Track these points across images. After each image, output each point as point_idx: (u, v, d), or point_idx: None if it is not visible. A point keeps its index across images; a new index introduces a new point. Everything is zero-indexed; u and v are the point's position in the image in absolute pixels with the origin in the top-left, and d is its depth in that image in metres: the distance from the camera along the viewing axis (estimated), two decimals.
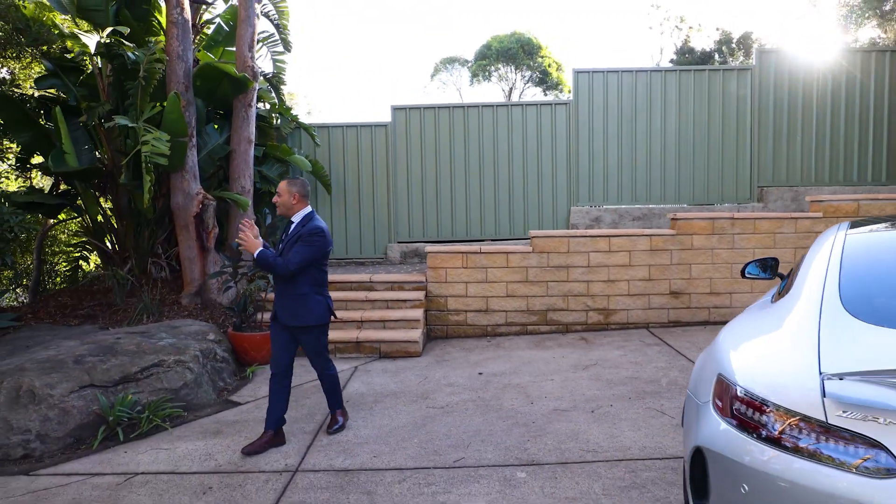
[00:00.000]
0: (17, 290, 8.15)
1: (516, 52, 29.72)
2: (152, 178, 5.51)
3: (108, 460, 3.75)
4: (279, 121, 8.08)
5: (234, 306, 6.14)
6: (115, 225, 6.98)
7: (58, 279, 8.37)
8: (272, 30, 8.04)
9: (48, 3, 6.72)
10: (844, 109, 8.26)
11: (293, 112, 8.55)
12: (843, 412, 1.62)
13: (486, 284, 6.86)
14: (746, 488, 1.77)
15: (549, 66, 29.85)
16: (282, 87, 8.17)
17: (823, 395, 1.68)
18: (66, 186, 6.84)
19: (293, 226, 3.82)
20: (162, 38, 7.03)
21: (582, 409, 4.33)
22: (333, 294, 6.84)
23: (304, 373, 5.64)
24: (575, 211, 8.38)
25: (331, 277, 7.11)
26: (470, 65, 31.37)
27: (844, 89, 8.25)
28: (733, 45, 24.62)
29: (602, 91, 8.32)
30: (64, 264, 8.18)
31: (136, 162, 6.01)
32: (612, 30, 53.26)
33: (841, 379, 1.66)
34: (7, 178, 7.26)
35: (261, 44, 7.87)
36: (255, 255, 3.61)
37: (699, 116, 8.32)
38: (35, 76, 7.47)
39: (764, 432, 1.79)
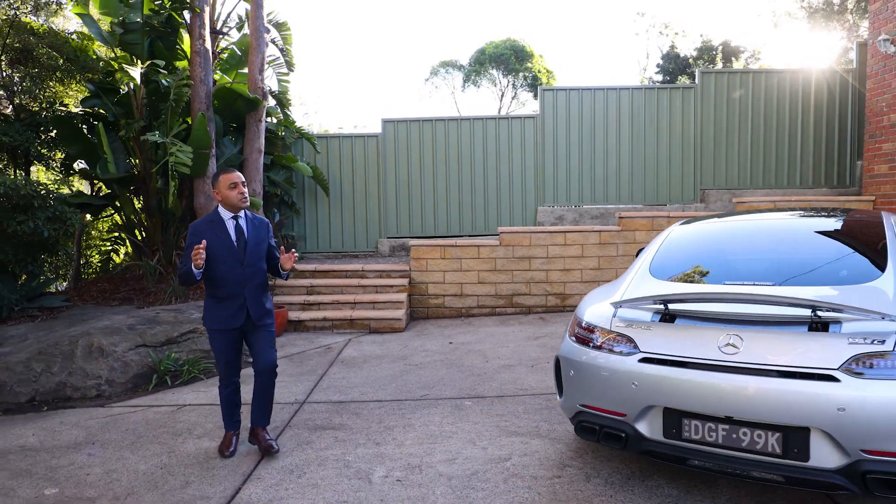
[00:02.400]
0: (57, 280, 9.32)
1: (509, 59, 30.93)
2: (176, 183, 6.72)
3: (162, 398, 4.97)
4: (284, 132, 9.29)
5: None
6: (146, 222, 8.19)
7: (90, 270, 9.57)
8: (278, 54, 9.27)
9: (90, 34, 7.95)
10: (776, 122, 9.50)
11: (296, 123, 9.76)
12: (618, 323, 2.86)
13: (461, 273, 8.10)
14: (573, 373, 3.01)
15: (540, 72, 31.06)
16: (286, 102, 9.39)
17: (613, 315, 2.93)
18: (106, 190, 8.06)
19: (245, 221, 3.60)
20: (185, 63, 8.25)
21: (524, 365, 5.57)
22: (332, 281, 8.12)
23: (306, 343, 6.88)
24: (541, 210, 9.62)
25: (329, 267, 8.36)
26: (464, 69, 32.63)
27: (776, 105, 9.49)
28: (714, 53, 25.93)
29: (565, 107, 9.56)
30: (97, 256, 9.38)
31: (165, 169, 7.23)
32: (601, 36, 54.49)
33: (620, 306, 2.90)
34: (55, 183, 8.44)
35: (269, 66, 9.09)
36: (287, 273, 3.74)
37: (650, 129, 9.56)
38: (73, 95, 8.69)
39: (591, 343, 3.02)
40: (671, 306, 2.74)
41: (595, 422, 2.90)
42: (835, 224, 3.42)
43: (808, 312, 2.41)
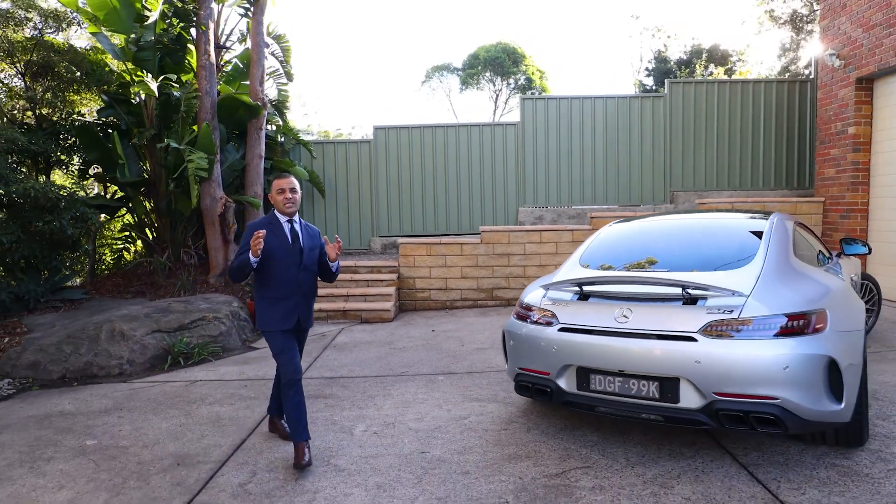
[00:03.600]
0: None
1: (503, 61, 31.67)
2: (198, 187, 7.45)
3: (176, 375, 5.71)
4: (283, 138, 10.02)
5: (251, 283, 8.10)
6: (156, 222, 8.92)
7: (102, 266, 10.30)
8: (278, 65, 9.99)
9: (103, 49, 8.67)
10: (740, 129, 10.22)
11: (295, 129, 10.48)
12: (546, 302, 3.60)
13: (446, 268, 8.83)
14: (513, 343, 3.75)
15: (533, 74, 31.82)
16: (285, 110, 10.12)
17: (544, 296, 3.66)
18: (120, 193, 8.80)
19: (299, 225, 3.74)
20: (191, 76, 8.98)
21: (496, 349, 6.29)
22: None
23: None
24: (522, 211, 10.35)
25: None
26: (459, 72, 33.39)
27: (740, 113, 10.21)
28: (702, 56, 26.69)
29: (544, 114, 10.29)
30: (109, 253, 10.12)
31: (181, 174, 7.95)
32: (597, 37, 55.20)
33: (549, 289, 3.63)
34: (72, 186, 9.16)
35: (269, 77, 9.82)
36: (337, 263, 3.83)
37: (623, 134, 10.28)
38: (86, 104, 9.42)
39: (528, 319, 3.74)
40: (584, 288, 3.47)
41: (529, 381, 3.63)
42: (735, 223, 4.14)
43: (680, 290, 3.14)
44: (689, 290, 3.12)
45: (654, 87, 24.35)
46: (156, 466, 3.60)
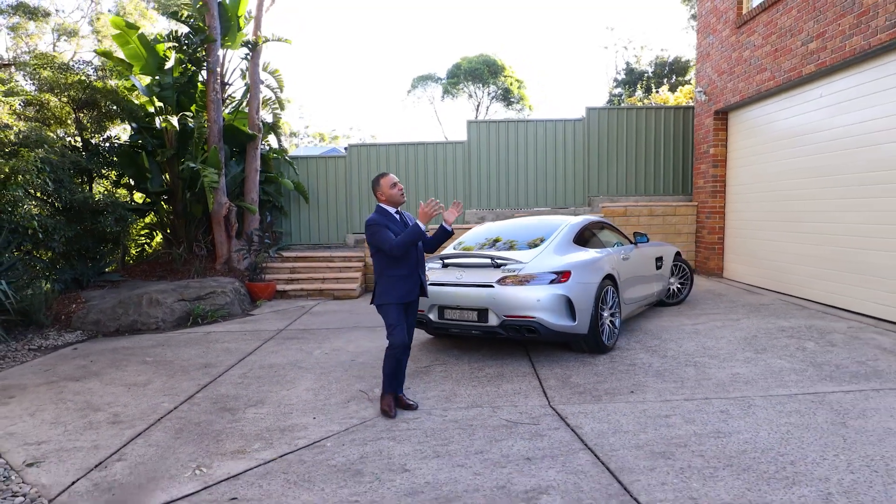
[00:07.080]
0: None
1: (483, 72, 34.11)
2: (212, 197, 9.86)
3: (196, 330, 8.12)
4: (275, 156, 12.43)
5: (249, 268, 10.54)
6: (173, 222, 11.34)
7: (127, 257, 12.70)
8: (272, 94, 12.39)
9: (133, 85, 11.07)
10: (644, 145, 12.65)
11: (283, 150, 12.87)
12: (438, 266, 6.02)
13: None
14: None
15: (511, 84, 34.26)
16: (280, 133, 12.52)
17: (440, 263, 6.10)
18: (148, 200, 11.21)
19: (403, 216, 4.38)
20: (194, 107, 11.38)
21: None
22: (308, 264, 11.23)
23: (288, 304, 10.00)
24: (468, 212, 12.77)
25: (307, 254, 11.49)
26: (443, 82, 35.82)
27: (644, 133, 12.63)
28: (667, 69, 29.11)
29: (486, 135, 12.71)
30: (133, 246, 12.53)
31: (192, 185, 10.34)
32: (574, 47, 57.65)
33: (428, 262, 6.06)
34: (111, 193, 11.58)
35: (266, 105, 12.23)
36: (451, 225, 4.31)
37: (550, 151, 12.71)
38: (108, 129, 11.79)
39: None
40: (445, 260, 5.89)
41: None
42: (554, 221, 6.55)
43: (490, 261, 5.56)
44: (496, 261, 5.55)
45: (621, 99, 26.59)
46: (192, 368, 6.03)
